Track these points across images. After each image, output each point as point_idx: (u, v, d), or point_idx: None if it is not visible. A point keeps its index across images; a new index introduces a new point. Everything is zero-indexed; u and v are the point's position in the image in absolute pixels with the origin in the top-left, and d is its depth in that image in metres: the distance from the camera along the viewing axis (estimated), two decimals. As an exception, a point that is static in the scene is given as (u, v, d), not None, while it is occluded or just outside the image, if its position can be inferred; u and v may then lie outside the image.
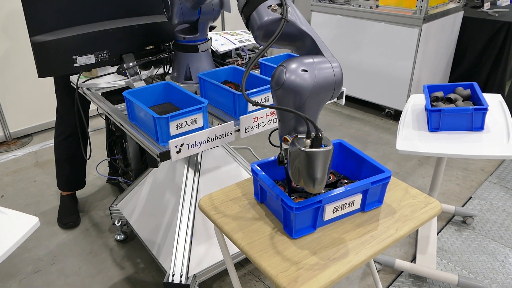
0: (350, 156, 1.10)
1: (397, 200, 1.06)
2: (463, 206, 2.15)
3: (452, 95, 1.65)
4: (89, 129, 2.86)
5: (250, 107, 1.27)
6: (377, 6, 2.88)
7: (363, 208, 1.00)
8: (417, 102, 1.80)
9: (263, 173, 0.99)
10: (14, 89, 2.74)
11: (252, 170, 1.02)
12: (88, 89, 1.52)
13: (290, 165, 0.87)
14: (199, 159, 1.57)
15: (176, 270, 1.39)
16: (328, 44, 3.17)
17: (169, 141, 1.09)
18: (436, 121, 1.53)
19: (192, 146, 1.14)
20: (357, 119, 3.12)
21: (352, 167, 1.10)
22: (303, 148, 0.82)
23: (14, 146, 2.76)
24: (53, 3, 1.30)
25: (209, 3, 1.38)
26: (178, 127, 1.14)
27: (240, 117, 1.23)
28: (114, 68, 1.52)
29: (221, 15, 3.70)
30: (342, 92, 1.48)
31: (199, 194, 1.53)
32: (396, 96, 2.93)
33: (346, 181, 1.07)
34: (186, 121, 1.15)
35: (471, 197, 2.21)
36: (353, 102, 3.36)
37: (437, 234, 1.94)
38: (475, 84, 1.68)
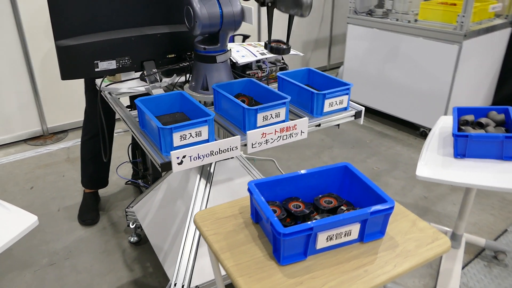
0: (355, 182, 1.04)
1: (402, 232, 0.99)
2: (496, 239, 1.98)
3: (483, 120, 1.53)
4: (118, 130, 2.96)
5: (260, 122, 1.24)
6: (415, 20, 2.76)
7: (362, 238, 0.94)
8: (447, 124, 1.69)
9: (258, 191, 0.96)
10: (54, 87, 2.89)
11: (248, 189, 0.99)
12: (109, 93, 1.56)
13: None
14: (211, 170, 1.56)
15: (178, 280, 1.38)
16: (363, 57, 3.08)
17: (171, 152, 1.09)
18: (463, 147, 1.43)
19: (195, 158, 1.13)
20: (389, 137, 2.99)
21: (357, 193, 1.04)
22: None
23: (50, 141, 2.91)
24: (78, 10, 1.34)
25: (231, 14, 1.38)
26: (182, 139, 1.13)
27: (247, 132, 1.20)
28: (138, 74, 1.55)
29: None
30: (361, 112, 1.41)
31: (209, 205, 1.51)
32: (432, 115, 2.78)
33: (346, 208, 1.01)
34: (191, 133, 1.14)
35: (506, 229, 2.04)
36: (386, 118, 3.22)
37: (463, 268, 1.80)
38: (511, 109, 1.55)
